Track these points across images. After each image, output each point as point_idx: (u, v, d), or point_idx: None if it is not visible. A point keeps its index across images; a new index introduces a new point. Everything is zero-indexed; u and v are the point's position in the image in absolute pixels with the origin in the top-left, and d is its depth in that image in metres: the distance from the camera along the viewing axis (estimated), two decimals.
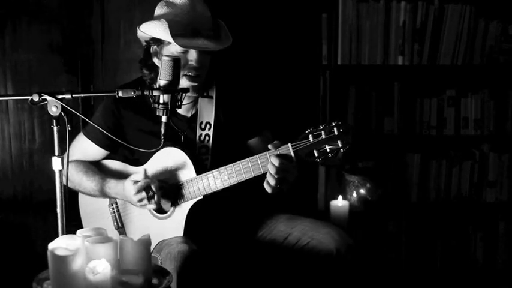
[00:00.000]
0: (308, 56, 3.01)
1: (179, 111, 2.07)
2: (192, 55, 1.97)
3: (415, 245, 3.09)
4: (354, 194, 2.95)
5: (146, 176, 2.00)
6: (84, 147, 2.15)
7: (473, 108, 3.05)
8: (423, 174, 3.06)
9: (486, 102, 3.05)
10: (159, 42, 2.01)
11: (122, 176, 2.12)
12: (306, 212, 2.21)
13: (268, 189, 1.87)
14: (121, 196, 2.05)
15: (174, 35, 1.90)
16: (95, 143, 2.13)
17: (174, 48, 1.96)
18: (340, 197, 2.79)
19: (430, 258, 3.11)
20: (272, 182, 1.83)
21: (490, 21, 2.97)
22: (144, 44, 2.08)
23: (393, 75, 3.04)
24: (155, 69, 2.05)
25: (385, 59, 2.97)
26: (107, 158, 2.19)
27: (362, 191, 2.95)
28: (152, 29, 1.96)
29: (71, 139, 1.71)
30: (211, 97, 2.11)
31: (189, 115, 2.11)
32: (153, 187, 1.95)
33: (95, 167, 2.15)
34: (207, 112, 2.09)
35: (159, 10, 2.01)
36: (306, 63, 3.02)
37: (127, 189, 1.98)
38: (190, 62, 1.98)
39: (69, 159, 2.14)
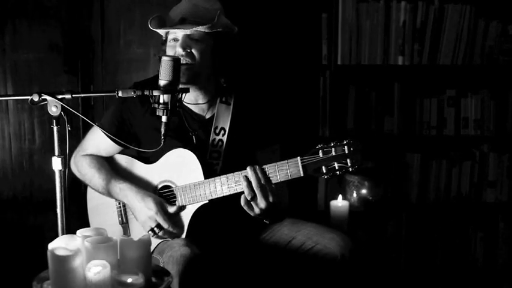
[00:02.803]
0: (308, 56, 3.01)
1: (195, 110, 2.08)
2: (178, 41, 1.97)
3: (415, 245, 3.09)
4: (354, 194, 2.95)
5: (176, 213, 2.01)
6: (98, 140, 2.16)
7: (473, 108, 3.05)
8: (423, 174, 3.06)
9: (486, 102, 3.05)
10: (164, 41, 2.06)
11: (130, 172, 2.13)
12: (306, 212, 2.20)
13: (242, 201, 1.90)
14: (129, 200, 2.05)
15: (159, 26, 1.97)
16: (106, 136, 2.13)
17: (169, 42, 2.00)
18: (340, 197, 2.79)
19: (430, 258, 3.11)
20: (247, 196, 1.87)
21: (490, 21, 2.97)
22: None
23: (393, 75, 3.04)
24: None
25: (385, 59, 2.97)
26: (120, 153, 2.19)
27: (362, 191, 2.95)
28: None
29: (71, 139, 1.71)
30: (229, 104, 2.10)
31: (206, 116, 2.11)
32: (160, 233, 1.98)
33: (109, 166, 2.16)
34: (224, 118, 2.09)
35: None
36: (306, 63, 3.02)
37: (147, 200, 1.99)
38: (177, 49, 1.96)
39: (84, 153, 2.17)
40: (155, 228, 1.98)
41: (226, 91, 2.11)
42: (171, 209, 2.00)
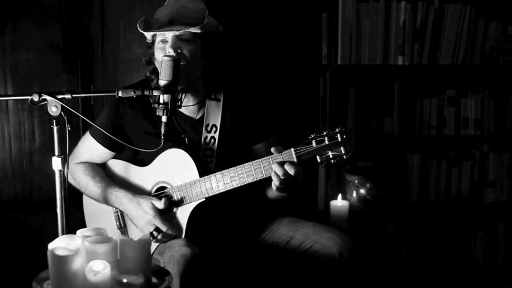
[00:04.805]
0: (308, 56, 3.01)
1: (185, 112, 2.07)
2: (168, 43, 1.96)
3: (415, 245, 3.09)
4: (354, 194, 2.95)
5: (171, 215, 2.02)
6: (91, 147, 2.15)
7: (473, 108, 3.05)
8: (423, 174, 3.06)
9: (486, 102, 3.05)
10: (151, 44, 2.05)
11: (124, 177, 2.13)
12: (306, 212, 2.20)
13: (273, 195, 1.96)
14: (125, 208, 2.05)
15: (147, 28, 1.96)
16: (99, 142, 2.12)
17: (157, 43, 1.99)
18: (340, 196, 2.79)
19: (430, 258, 3.11)
20: (276, 192, 1.91)
21: (490, 21, 2.97)
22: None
23: (393, 75, 3.04)
24: (156, 72, 2.05)
25: (385, 59, 2.97)
26: (114, 158, 2.19)
27: (362, 191, 2.95)
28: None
29: (71, 139, 1.71)
30: (219, 100, 2.10)
31: (196, 117, 2.10)
32: (159, 237, 1.98)
33: (103, 172, 2.15)
34: (214, 115, 2.09)
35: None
36: (306, 63, 3.02)
37: (143, 204, 1.99)
38: (168, 49, 1.95)
39: (78, 161, 2.17)
40: (154, 232, 1.97)
41: (215, 88, 2.11)
42: (160, 205, 1.98)
